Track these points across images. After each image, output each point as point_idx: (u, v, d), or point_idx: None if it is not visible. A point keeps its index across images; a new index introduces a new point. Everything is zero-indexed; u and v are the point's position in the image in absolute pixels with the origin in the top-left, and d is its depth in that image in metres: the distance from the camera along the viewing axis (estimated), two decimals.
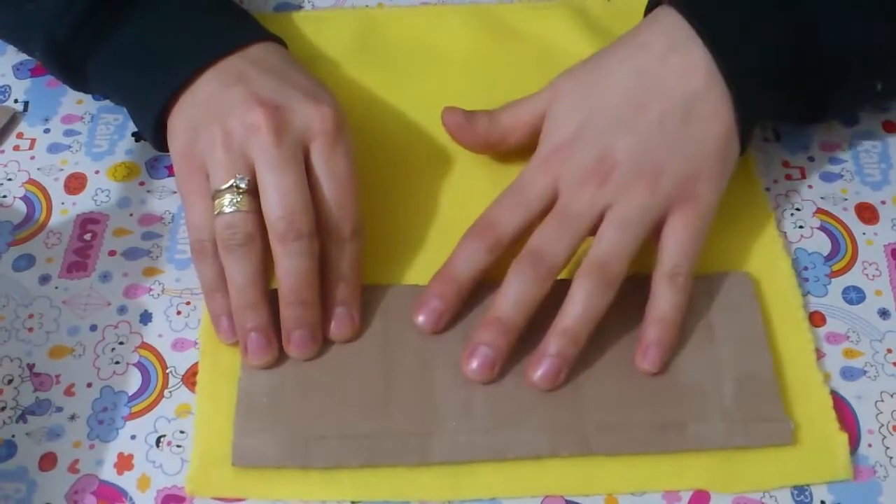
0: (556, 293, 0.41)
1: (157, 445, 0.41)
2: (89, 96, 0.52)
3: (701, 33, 0.42)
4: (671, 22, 0.43)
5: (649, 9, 0.47)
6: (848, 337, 0.43)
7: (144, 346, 0.43)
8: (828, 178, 0.49)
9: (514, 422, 0.40)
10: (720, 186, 0.43)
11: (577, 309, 0.40)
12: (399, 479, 0.39)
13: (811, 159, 0.49)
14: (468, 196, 0.45)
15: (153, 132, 0.44)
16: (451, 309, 0.42)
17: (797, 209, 0.47)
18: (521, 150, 0.46)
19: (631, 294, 0.41)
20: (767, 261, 0.45)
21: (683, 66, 0.43)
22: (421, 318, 0.42)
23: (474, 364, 0.40)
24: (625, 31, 0.46)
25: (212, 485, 0.39)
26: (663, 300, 0.41)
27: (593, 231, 0.41)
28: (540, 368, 0.40)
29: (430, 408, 0.40)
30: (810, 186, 0.48)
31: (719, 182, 0.43)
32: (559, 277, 0.41)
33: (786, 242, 0.46)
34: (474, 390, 0.40)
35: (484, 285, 0.42)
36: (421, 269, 0.44)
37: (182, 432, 0.41)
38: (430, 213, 0.47)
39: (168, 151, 0.43)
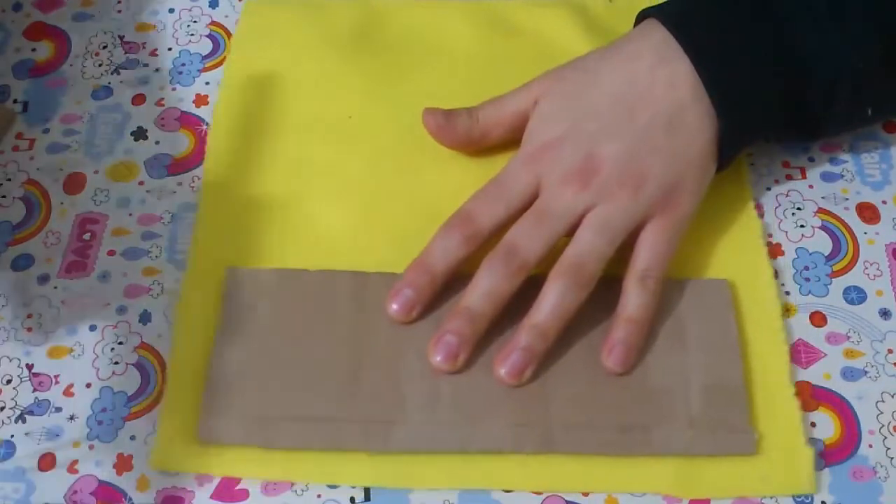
0: (532, 290, 0.41)
1: None
2: (89, 96, 0.51)
3: (686, 49, 0.43)
4: (660, 36, 0.44)
5: (638, 20, 0.47)
6: (849, 337, 0.43)
7: (144, 346, 0.43)
8: (828, 178, 0.49)
9: (479, 416, 0.40)
10: (698, 197, 0.44)
11: (549, 306, 0.40)
12: (361, 465, 0.39)
13: (811, 159, 0.49)
14: (463, 189, 0.46)
15: None
16: (423, 299, 0.42)
17: (798, 209, 0.47)
18: (514, 146, 0.46)
19: (603, 295, 0.42)
20: (750, 270, 0.45)
21: (670, 78, 0.43)
22: (394, 307, 0.42)
23: (438, 352, 0.41)
24: (625, 32, 0.46)
25: (176, 460, 0.40)
26: (633, 301, 0.41)
27: (570, 231, 0.42)
28: (507, 361, 0.40)
29: (396, 396, 0.40)
30: (811, 186, 0.48)
31: (698, 192, 0.44)
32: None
33: (769, 252, 0.45)
34: (441, 382, 0.41)
35: (462, 278, 0.42)
36: (410, 259, 0.44)
37: None
38: (422, 204, 0.47)
39: None
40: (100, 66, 0.53)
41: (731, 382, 0.41)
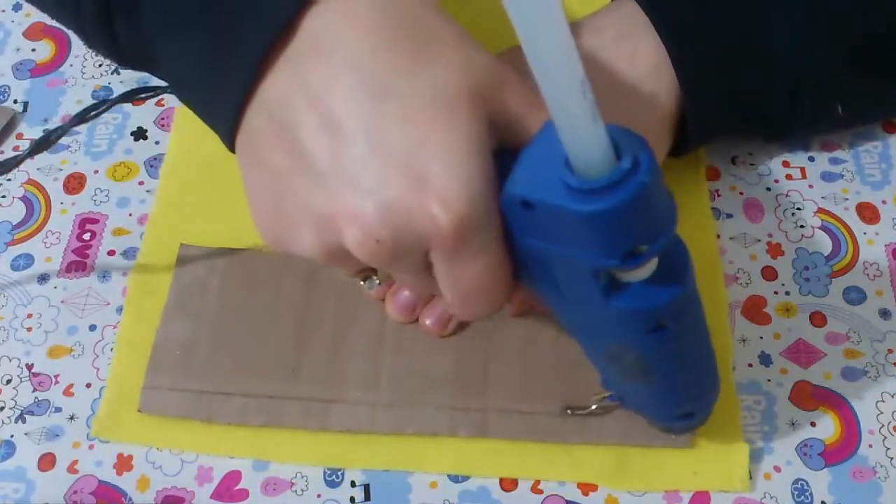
0: None
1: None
2: (89, 96, 0.51)
3: (655, 23, 0.43)
4: (628, 10, 0.44)
5: None
6: (849, 337, 0.43)
7: None
8: (828, 177, 0.49)
9: (418, 399, 0.41)
10: None
11: None
12: (299, 443, 0.40)
13: (811, 159, 0.49)
14: None
15: None
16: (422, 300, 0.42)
17: (798, 209, 0.47)
18: None
19: None
20: (700, 268, 0.44)
21: (630, 53, 0.43)
22: (394, 313, 0.42)
23: (429, 316, 0.41)
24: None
25: (117, 429, 0.41)
26: None
27: None
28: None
29: (337, 376, 0.41)
30: (811, 186, 0.48)
31: None
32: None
33: (720, 249, 0.46)
34: (382, 363, 0.41)
35: None
36: None
37: None
38: None
39: None
40: (100, 66, 0.53)
41: None
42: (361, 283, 0.37)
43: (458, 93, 0.29)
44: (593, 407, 0.40)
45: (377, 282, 0.37)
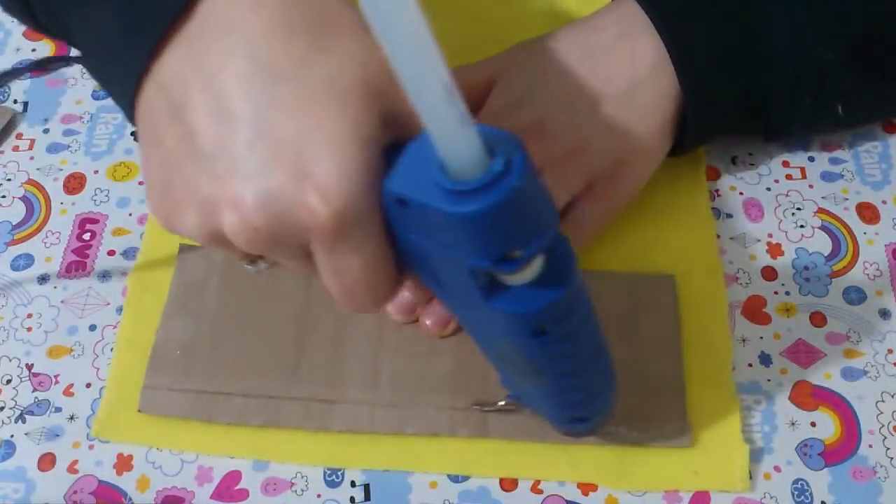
0: None
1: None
2: (88, 96, 0.51)
3: (655, 22, 0.43)
4: (628, 10, 0.44)
5: None
6: (849, 337, 0.43)
7: None
8: (828, 177, 0.49)
9: (418, 399, 0.41)
10: (643, 175, 0.44)
11: None
12: (299, 443, 0.40)
13: (811, 159, 0.49)
14: None
15: None
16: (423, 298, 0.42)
17: (798, 209, 0.47)
18: None
19: None
20: (701, 266, 0.45)
21: (630, 53, 0.43)
22: (396, 315, 0.42)
23: (429, 317, 0.41)
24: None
25: (117, 429, 0.41)
26: None
27: None
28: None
29: (337, 376, 0.41)
30: (811, 186, 0.48)
31: (644, 170, 0.44)
32: None
33: (720, 249, 0.46)
34: (382, 363, 0.41)
35: None
36: None
37: None
38: None
39: None
40: None
41: (670, 376, 0.41)
42: (247, 266, 0.36)
43: (352, 85, 0.28)
44: (501, 403, 0.40)
45: (263, 266, 0.37)
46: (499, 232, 0.25)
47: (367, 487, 0.40)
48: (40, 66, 0.52)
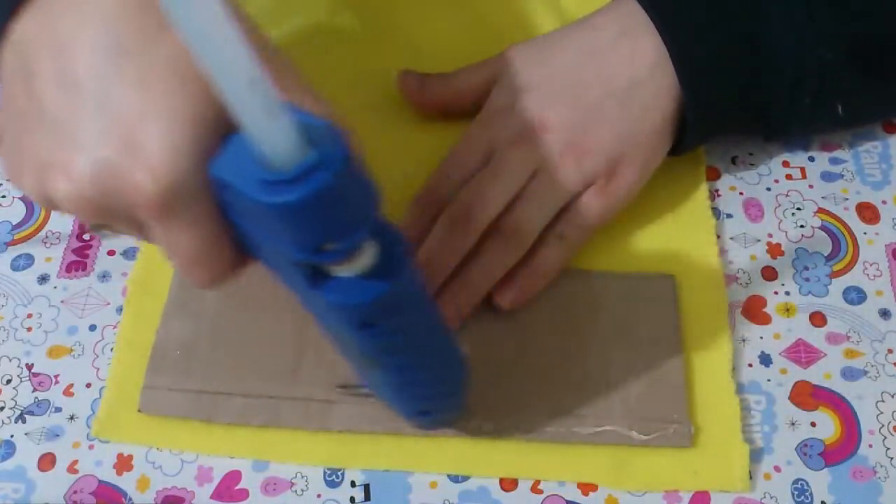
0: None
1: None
2: None
3: (656, 21, 0.43)
4: (628, 9, 0.44)
5: None
6: (849, 337, 0.43)
7: None
8: (828, 177, 0.49)
9: None
10: (643, 174, 0.44)
11: (480, 265, 0.42)
12: (299, 443, 0.40)
13: (811, 159, 0.49)
14: (431, 154, 0.46)
15: None
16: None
17: (798, 209, 0.47)
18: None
19: (561, 286, 0.43)
20: (700, 266, 0.45)
21: (630, 52, 0.43)
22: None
23: None
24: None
25: (117, 430, 0.41)
26: (542, 252, 0.43)
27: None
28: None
29: (336, 376, 0.41)
30: (811, 186, 0.48)
31: (644, 169, 0.44)
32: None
33: (720, 249, 0.46)
34: None
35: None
36: None
37: None
38: (390, 168, 0.47)
39: None
40: None
41: (671, 376, 0.41)
42: (91, 230, 0.35)
43: (194, 66, 0.27)
44: (365, 389, 0.40)
45: (106, 233, 0.36)
46: (312, 224, 0.25)
47: (367, 487, 0.40)
48: None
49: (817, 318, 0.44)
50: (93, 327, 0.44)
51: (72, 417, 0.41)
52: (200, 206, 0.29)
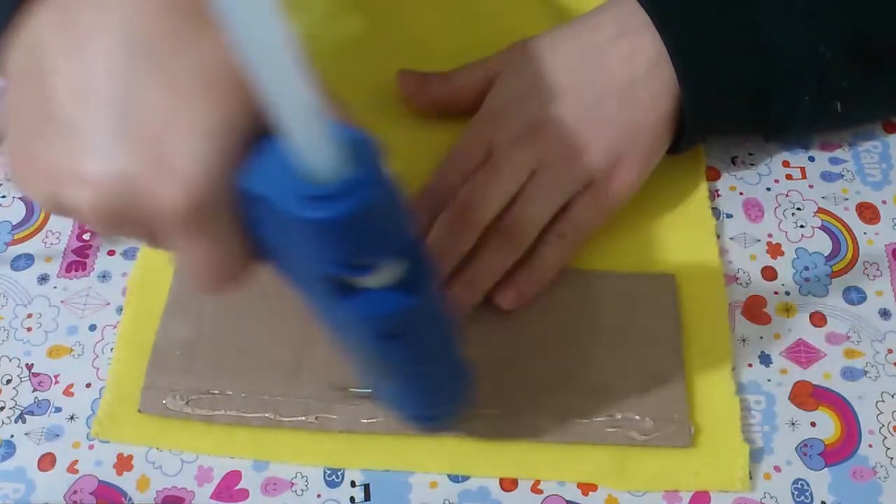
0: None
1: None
2: None
3: (654, 19, 0.43)
4: (627, 8, 0.44)
5: None
6: (849, 337, 0.43)
7: None
8: (828, 177, 0.49)
9: None
10: (642, 173, 0.44)
11: (480, 264, 0.42)
12: (299, 444, 0.40)
13: (811, 159, 0.49)
14: (431, 152, 0.46)
15: None
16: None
17: (798, 209, 0.47)
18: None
19: (561, 286, 0.43)
20: (700, 266, 0.45)
21: (629, 51, 0.43)
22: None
23: None
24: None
25: (117, 430, 0.41)
26: (542, 252, 0.43)
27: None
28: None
29: (336, 376, 0.41)
30: (811, 186, 0.48)
31: (643, 168, 0.44)
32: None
33: (720, 249, 0.46)
34: None
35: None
36: None
37: None
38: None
39: None
40: None
41: (671, 376, 0.41)
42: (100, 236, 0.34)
43: (222, 72, 0.27)
44: (367, 391, 0.40)
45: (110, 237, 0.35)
46: (349, 240, 0.24)
47: (367, 487, 0.40)
48: None
49: (817, 318, 0.44)
50: (93, 327, 0.44)
51: (72, 417, 0.41)
52: (223, 217, 0.27)
